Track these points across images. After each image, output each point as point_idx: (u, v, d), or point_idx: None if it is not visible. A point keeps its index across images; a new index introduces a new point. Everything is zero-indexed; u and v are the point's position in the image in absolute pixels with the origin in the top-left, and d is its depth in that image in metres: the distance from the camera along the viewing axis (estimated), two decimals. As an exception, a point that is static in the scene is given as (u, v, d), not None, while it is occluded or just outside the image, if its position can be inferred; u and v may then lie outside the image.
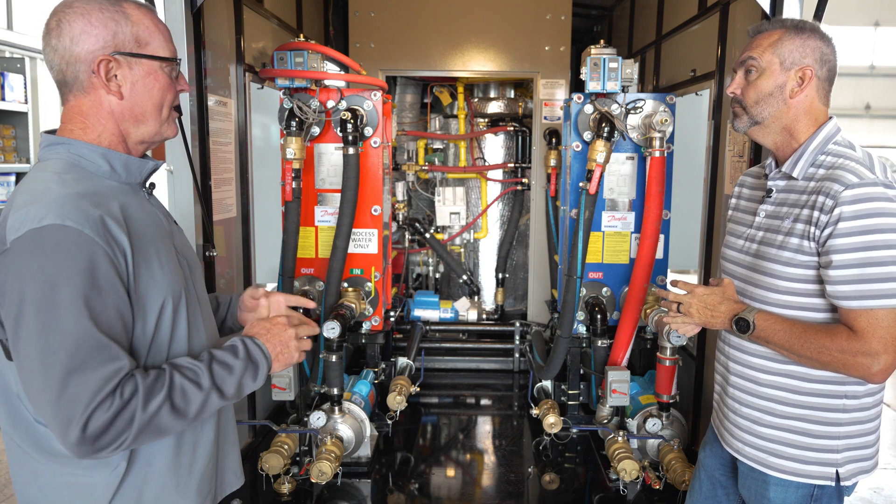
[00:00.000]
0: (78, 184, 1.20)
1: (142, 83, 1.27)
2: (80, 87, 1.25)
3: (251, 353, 1.33)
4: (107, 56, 1.23)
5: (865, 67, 11.87)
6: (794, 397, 1.60)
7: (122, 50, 1.24)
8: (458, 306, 4.54)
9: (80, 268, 1.11)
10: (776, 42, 1.60)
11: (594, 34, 5.31)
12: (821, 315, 1.55)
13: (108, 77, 1.24)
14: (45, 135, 1.28)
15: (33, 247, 1.09)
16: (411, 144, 4.80)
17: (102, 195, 1.21)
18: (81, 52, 1.22)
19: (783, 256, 1.56)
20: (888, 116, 12.08)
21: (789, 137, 1.63)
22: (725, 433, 1.77)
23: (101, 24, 1.22)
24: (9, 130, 4.89)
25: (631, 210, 3.08)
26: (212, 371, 1.25)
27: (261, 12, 3.17)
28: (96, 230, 1.14)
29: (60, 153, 1.25)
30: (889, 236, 1.43)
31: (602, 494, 2.87)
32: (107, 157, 1.26)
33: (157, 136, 1.34)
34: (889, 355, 1.44)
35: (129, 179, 1.31)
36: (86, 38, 1.21)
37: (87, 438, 1.11)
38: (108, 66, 1.24)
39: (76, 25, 1.21)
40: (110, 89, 1.25)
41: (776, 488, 1.64)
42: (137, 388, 1.15)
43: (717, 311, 1.64)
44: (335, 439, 2.77)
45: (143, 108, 1.29)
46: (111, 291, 1.15)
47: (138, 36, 1.26)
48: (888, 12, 11.49)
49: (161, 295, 1.26)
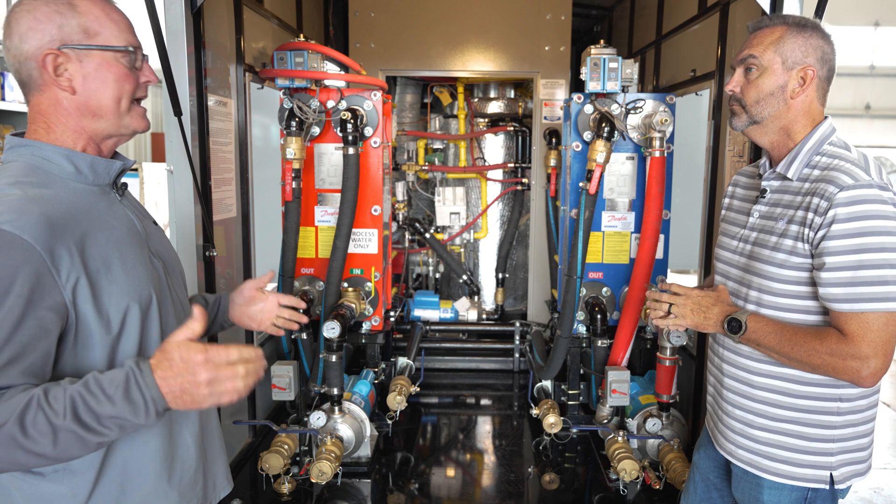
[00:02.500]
0: (34, 189, 1.15)
1: (94, 75, 1.21)
2: (36, 86, 1.21)
3: (130, 391, 1.08)
4: (52, 50, 1.18)
5: (865, 67, 11.87)
6: (788, 400, 1.59)
7: (68, 43, 1.18)
8: (458, 306, 4.54)
9: (5, 273, 1.05)
10: (778, 40, 1.57)
11: (594, 34, 5.31)
12: (814, 318, 1.54)
13: (56, 72, 1.19)
14: (9, 136, 1.23)
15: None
16: (411, 144, 4.80)
17: (61, 201, 1.16)
18: (30, 49, 1.18)
19: (777, 258, 1.55)
20: (888, 116, 12.09)
21: (786, 137, 1.62)
22: (719, 435, 1.77)
23: (45, 18, 1.17)
24: (8, 130, 4.90)
25: (631, 210, 3.08)
26: (75, 403, 1.06)
27: (261, 12, 3.17)
28: (37, 236, 1.08)
29: (23, 155, 1.21)
30: (883, 239, 1.42)
31: (602, 494, 2.87)
32: (71, 158, 1.22)
33: (122, 129, 1.28)
34: (879, 359, 1.43)
35: (97, 181, 1.26)
36: (32, 35, 1.17)
37: None
38: (56, 60, 1.19)
39: (23, 23, 1.18)
40: (61, 85, 1.20)
41: (770, 491, 1.63)
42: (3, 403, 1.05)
43: (710, 313, 1.63)
44: (335, 439, 2.77)
45: (99, 101, 1.23)
46: (35, 302, 1.08)
47: (86, 27, 1.20)
48: (888, 12, 11.49)
49: (125, 300, 1.21)
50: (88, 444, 1.09)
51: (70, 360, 1.19)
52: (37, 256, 1.07)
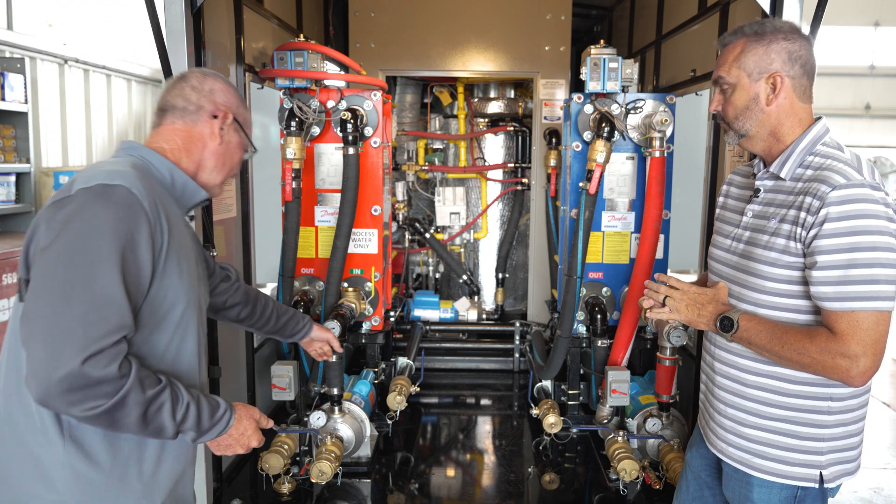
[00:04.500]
0: (142, 175, 1.36)
1: (234, 146, 1.58)
2: (193, 119, 1.50)
3: (217, 417, 1.40)
4: (230, 112, 1.54)
5: (865, 67, 11.88)
6: (778, 399, 1.60)
7: (237, 117, 1.56)
8: (458, 306, 4.54)
9: (129, 227, 1.24)
10: (739, 55, 1.60)
11: (594, 34, 5.31)
12: (806, 317, 1.55)
13: (222, 124, 1.52)
14: (129, 142, 1.47)
15: (100, 196, 1.23)
16: (411, 144, 4.80)
17: (157, 193, 1.37)
18: (217, 99, 1.52)
19: (769, 257, 1.56)
20: (888, 116, 12.09)
21: (775, 141, 1.63)
22: (710, 434, 1.77)
23: (233, 94, 1.56)
24: (9, 130, 4.88)
25: (631, 210, 3.08)
26: (188, 410, 1.33)
27: (261, 12, 3.17)
28: (150, 205, 1.30)
29: (133, 155, 1.44)
30: (874, 238, 1.42)
31: (602, 494, 2.87)
32: (171, 171, 1.45)
33: (213, 188, 1.57)
34: (868, 358, 1.43)
35: (181, 199, 1.49)
36: (221, 94, 1.53)
37: (73, 381, 1.13)
38: (226, 121, 1.53)
39: (218, 84, 1.54)
40: (216, 133, 1.51)
41: (759, 489, 1.63)
42: (132, 368, 1.22)
43: (705, 311, 1.65)
44: (335, 439, 2.77)
45: (225, 161, 1.56)
46: (142, 259, 1.27)
47: (246, 119, 1.61)
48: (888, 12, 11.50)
49: (177, 295, 1.38)
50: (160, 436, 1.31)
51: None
52: (148, 222, 1.28)
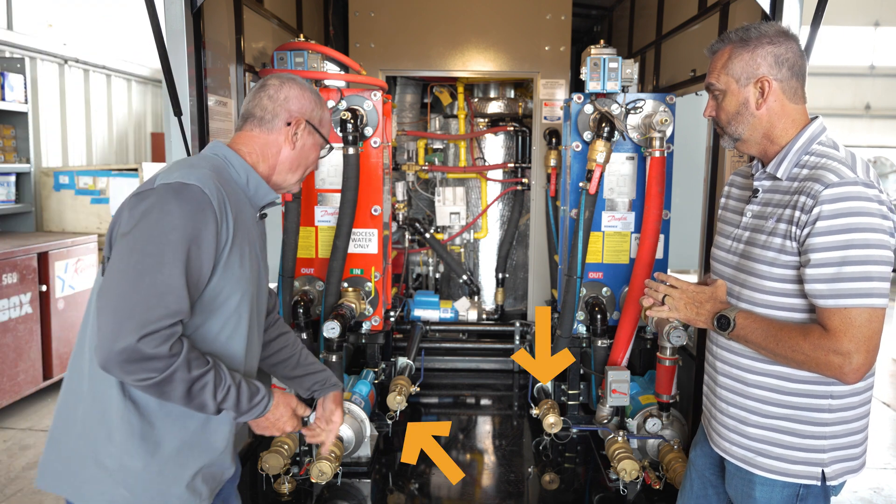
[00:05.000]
0: (218, 175, 1.48)
1: (308, 148, 1.67)
2: (269, 127, 1.61)
3: (255, 402, 1.51)
4: (304, 118, 1.63)
5: (865, 67, 11.88)
6: (780, 397, 1.60)
7: (311, 121, 1.65)
8: (458, 306, 4.54)
9: (197, 225, 1.37)
10: (727, 62, 1.63)
11: (594, 34, 5.31)
12: (803, 315, 1.55)
13: (296, 131, 1.62)
14: (217, 142, 1.61)
15: (177, 193, 1.38)
16: (411, 144, 4.80)
17: (228, 190, 1.48)
18: (290, 107, 1.62)
19: (767, 256, 1.57)
20: (888, 116, 12.09)
21: (770, 143, 1.64)
22: (713, 433, 1.78)
23: (308, 99, 1.65)
24: (9, 130, 4.88)
25: (631, 210, 3.08)
26: (228, 392, 1.43)
27: (261, 12, 3.17)
28: (219, 204, 1.42)
29: (218, 154, 1.57)
30: (866, 235, 1.43)
31: (602, 494, 2.87)
32: (248, 172, 1.57)
33: (289, 188, 1.69)
34: (861, 355, 1.43)
35: (253, 199, 1.60)
36: (296, 102, 1.63)
37: (129, 354, 1.28)
38: (300, 126, 1.63)
39: (293, 92, 1.64)
40: (289, 139, 1.62)
41: (762, 488, 1.64)
42: (182, 349, 1.34)
43: (703, 309, 1.66)
44: (335, 439, 2.77)
45: (300, 162, 1.66)
46: (205, 255, 1.40)
47: (322, 119, 1.69)
48: (888, 12, 11.49)
49: (236, 286, 1.49)
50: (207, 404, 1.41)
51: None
52: (215, 218, 1.41)
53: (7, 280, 4.03)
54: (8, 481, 3.39)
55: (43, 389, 4.43)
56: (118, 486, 1.45)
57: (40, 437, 3.91)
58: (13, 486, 3.34)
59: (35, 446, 3.79)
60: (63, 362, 4.49)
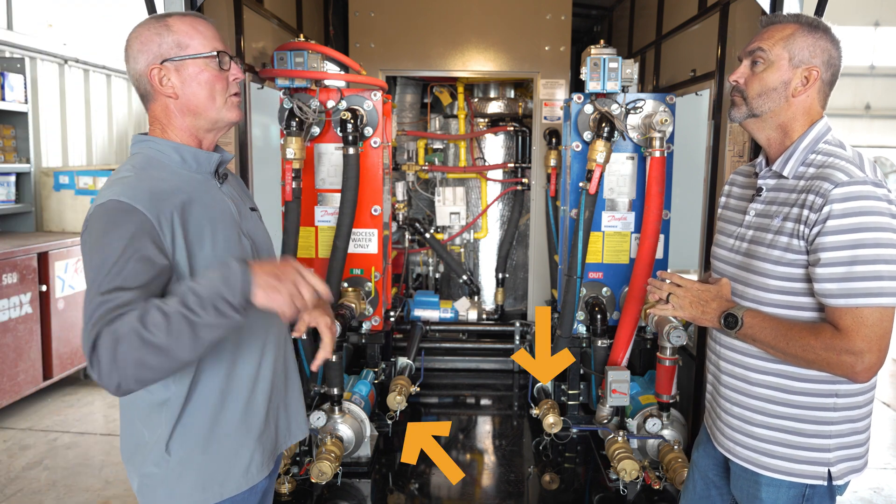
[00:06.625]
0: (146, 172, 1.42)
1: (190, 80, 1.46)
2: (149, 97, 1.48)
3: (228, 268, 1.28)
4: (155, 65, 1.44)
5: (865, 67, 11.87)
6: (785, 397, 1.60)
7: (167, 57, 1.44)
8: (458, 306, 4.54)
9: (130, 234, 1.31)
10: (789, 37, 1.58)
11: (594, 34, 5.31)
12: (810, 314, 1.55)
13: (161, 83, 1.45)
14: (136, 135, 1.53)
15: (103, 215, 1.34)
16: (411, 144, 4.81)
17: (167, 182, 1.42)
18: (141, 68, 1.46)
19: (773, 255, 1.56)
20: (888, 116, 12.08)
21: (783, 135, 1.63)
22: (717, 433, 1.77)
23: (147, 40, 1.45)
24: (9, 130, 4.88)
25: (631, 210, 3.08)
26: (184, 293, 1.26)
27: (261, 12, 3.17)
28: (150, 205, 1.34)
29: (143, 148, 1.50)
30: (877, 235, 1.43)
31: (602, 494, 2.87)
32: (178, 150, 1.48)
33: (220, 122, 1.52)
34: (873, 354, 1.44)
35: (200, 169, 1.51)
36: (141, 57, 1.45)
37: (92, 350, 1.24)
38: (160, 73, 1.45)
39: (133, 47, 1.46)
40: (166, 92, 1.46)
41: (768, 488, 1.63)
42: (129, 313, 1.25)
43: (709, 308, 1.64)
44: (335, 439, 2.77)
45: (197, 101, 1.47)
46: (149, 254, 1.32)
47: (179, 42, 1.45)
48: (888, 12, 11.48)
49: (209, 263, 1.42)
50: (197, 331, 1.24)
51: None
52: (146, 220, 1.34)
53: (7, 280, 4.03)
54: (8, 481, 3.39)
55: (43, 389, 4.43)
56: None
57: (40, 437, 3.91)
58: (13, 486, 3.34)
59: (35, 446, 3.79)
60: (63, 362, 4.49)
